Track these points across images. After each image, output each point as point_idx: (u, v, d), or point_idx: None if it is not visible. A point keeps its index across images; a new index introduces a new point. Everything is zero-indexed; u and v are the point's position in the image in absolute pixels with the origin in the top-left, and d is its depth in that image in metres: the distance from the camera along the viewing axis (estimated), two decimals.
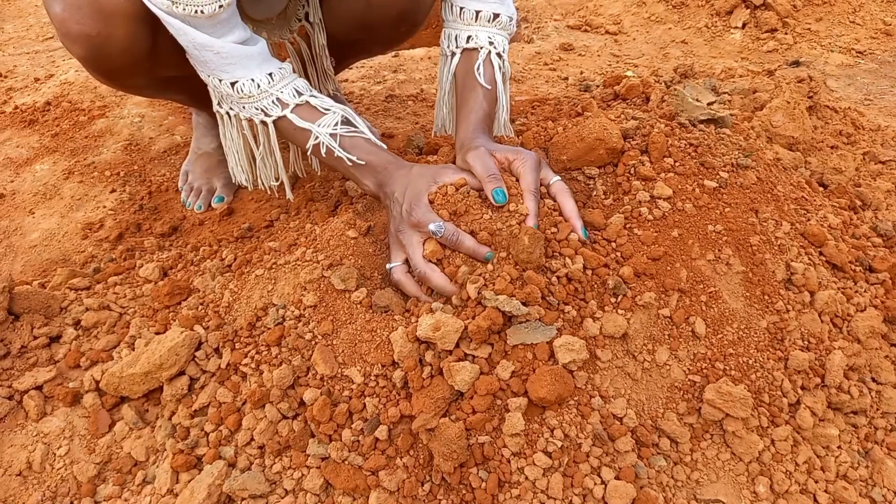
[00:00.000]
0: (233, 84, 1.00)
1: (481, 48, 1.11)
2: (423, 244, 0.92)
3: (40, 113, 1.81)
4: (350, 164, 1.01)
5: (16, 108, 1.85)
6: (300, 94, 1.03)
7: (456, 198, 0.92)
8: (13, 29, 2.44)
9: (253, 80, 1.00)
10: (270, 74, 1.01)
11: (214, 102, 1.09)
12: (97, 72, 1.08)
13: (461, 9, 1.12)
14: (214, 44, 0.95)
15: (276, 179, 1.17)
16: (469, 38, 1.12)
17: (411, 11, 1.19)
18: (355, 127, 1.03)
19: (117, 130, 1.71)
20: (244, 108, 1.04)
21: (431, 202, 0.92)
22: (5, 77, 2.08)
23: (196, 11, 0.91)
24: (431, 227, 0.88)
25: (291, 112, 1.02)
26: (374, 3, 1.18)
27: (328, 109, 1.03)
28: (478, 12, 1.11)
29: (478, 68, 1.10)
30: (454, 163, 1.02)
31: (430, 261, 0.91)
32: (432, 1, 1.19)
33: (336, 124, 1.01)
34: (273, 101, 1.02)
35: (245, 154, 1.13)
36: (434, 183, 0.93)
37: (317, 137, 1.01)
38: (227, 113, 1.07)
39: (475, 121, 1.07)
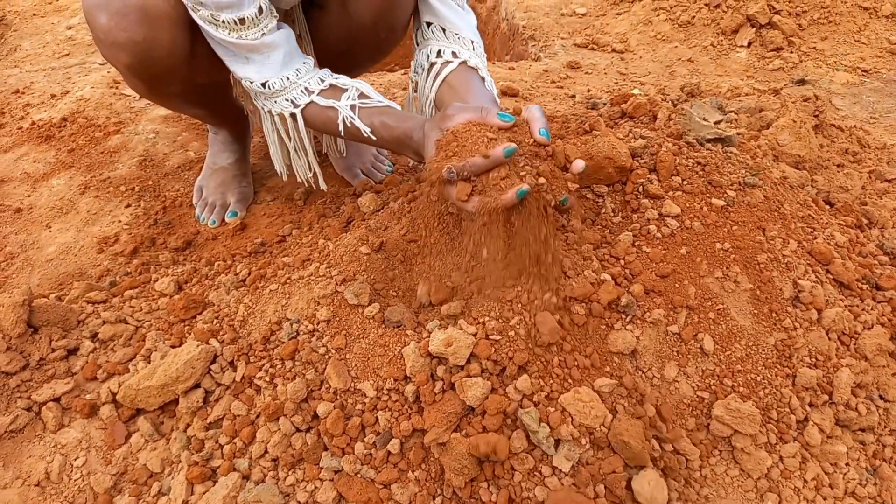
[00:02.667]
0: (263, 83, 1.07)
1: (469, 59, 1.16)
2: (456, 192, 0.87)
3: (57, 129, 1.84)
4: (369, 135, 1.05)
5: (33, 123, 1.89)
6: (323, 80, 1.10)
7: (458, 134, 0.88)
8: (30, 46, 2.49)
9: (282, 77, 1.07)
10: (297, 70, 1.08)
11: (252, 97, 1.17)
12: (139, 79, 1.13)
13: (443, 29, 1.17)
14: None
15: (310, 170, 1.24)
16: (453, 52, 1.16)
17: (387, 14, 1.22)
18: (370, 98, 1.08)
19: (132, 146, 1.74)
20: (276, 102, 1.10)
21: (438, 151, 0.90)
22: (23, 93, 2.11)
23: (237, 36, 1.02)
24: (444, 173, 0.85)
25: (317, 96, 1.09)
26: (351, 11, 1.23)
27: (347, 87, 1.09)
28: (456, 34, 1.18)
29: (474, 67, 1.15)
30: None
31: (465, 199, 0.86)
32: (410, 3, 1.22)
33: (355, 97, 1.07)
34: (301, 91, 1.09)
35: (281, 147, 1.22)
36: (439, 130, 0.92)
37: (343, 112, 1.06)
38: (263, 112, 1.16)
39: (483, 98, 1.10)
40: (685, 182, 1.07)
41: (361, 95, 1.08)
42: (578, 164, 0.88)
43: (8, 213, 1.51)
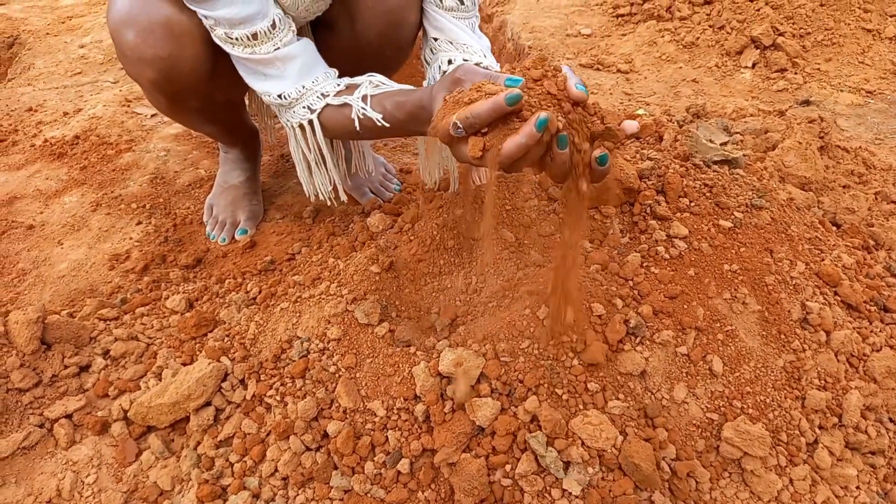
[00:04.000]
0: (280, 95, 1.06)
1: (482, 62, 1.14)
2: (468, 148, 0.76)
3: (69, 146, 1.86)
4: (382, 123, 1.00)
5: (45, 141, 1.91)
6: (340, 84, 1.08)
7: (465, 92, 0.77)
8: (43, 65, 2.52)
9: (297, 86, 1.06)
10: (316, 78, 1.07)
11: (276, 113, 1.16)
12: (163, 94, 1.15)
13: (450, 41, 1.17)
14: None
15: (330, 183, 1.20)
16: (464, 59, 1.15)
17: (394, 33, 1.24)
18: (384, 85, 1.04)
19: (143, 164, 1.75)
20: (294, 112, 1.09)
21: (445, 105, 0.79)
22: (35, 111, 2.14)
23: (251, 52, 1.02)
24: (451, 130, 0.75)
25: (333, 97, 1.06)
26: (358, 30, 1.24)
27: (361, 81, 1.05)
28: (464, 44, 1.16)
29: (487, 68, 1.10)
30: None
31: (479, 156, 0.74)
32: (415, 22, 1.23)
33: (367, 88, 1.03)
34: (317, 97, 1.07)
35: (304, 164, 1.19)
36: (447, 90, 0.85)
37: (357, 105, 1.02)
38: (288, 127, 1.14)
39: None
40: (693, 204, 1.08)
41: (375, 86, 1.04)
42: (631, 125, 0.75)
43: (20, 230, 1.53)
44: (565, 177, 0.74)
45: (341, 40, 1.28)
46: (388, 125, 1.00)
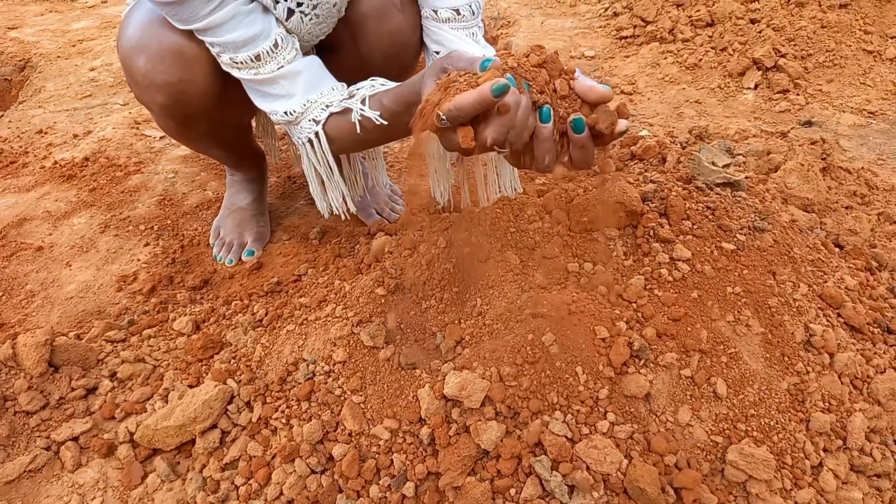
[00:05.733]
0: (286, 112, 1.06)
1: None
2: (459, 138, 0.72)
3: (78, 168, 1.89)
4: (381, 120, 0.98)
5: (55, 163, 1.94)
6: (344, 95, 1.06)
7: (454, 76, 0.73)
8: (54, 87, 2.56)
9: (304, 101, 1.05)
10: (322, 92, 1.06)
11: (288, 132, 1.14)
12: (173, 119, 1.17)
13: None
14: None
15: (341, 196, 1.18)
16: None
17: (398, 53, 1.25)
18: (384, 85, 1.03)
19: (152, 186, 1.78)
20: (301, 128, 1.08)
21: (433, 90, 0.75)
22: (45, 133, 2.17)
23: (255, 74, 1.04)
24: (435, 121, 0.71)
25: (336, 105, 1.05)
26: (363, 52, 1.26)
27: (362, 86, 1.04)
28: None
29: None
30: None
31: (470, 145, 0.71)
32: (418, 42, 1.25)
33: (367, 91, 1.02)
34: (322, 108, 1.06)
35: (318, 182, 1.17)
36: (437, 74, 0.81)
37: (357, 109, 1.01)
38: (300, 144, 1.12)
39: None
40: (695, 226, 1.09)
41: (375, 87, 1.02)
42: (622, 124, 0.71)
43: (29, 252, 1.55)
44: (550, 162, 0.72)
45: (347, 63, 1.30)
46: (386, 122, 0.98)
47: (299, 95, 1.06)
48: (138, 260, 1.50)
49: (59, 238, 1.60)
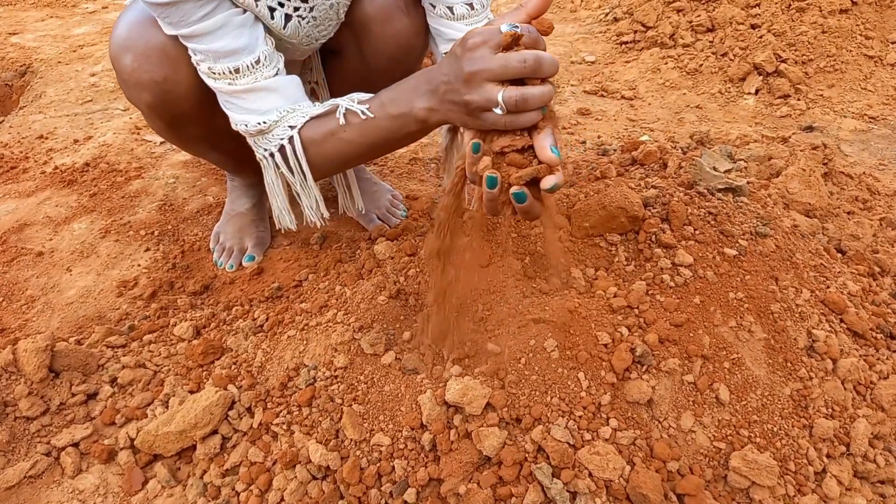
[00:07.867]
0: (258, 122, 1.02)
1: None
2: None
3: (79, 173, 1.89)
4: (368, 113, 0.95)
5: (56, 168, 1.94)
6: (324, 107, 1.02)
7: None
8: (54, 93, 2.57)
9: (279, 110, 1.02)
10: (300, 104, 1.03)
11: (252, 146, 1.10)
12: (160, 119, 1.16)
13: None
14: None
15: (316, 203, 1.12)
16: None
17: (403, 57, 1.24)
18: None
19: (152, 191, 1.78)
20: (273, 136, 1.03)
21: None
22: (46, 138, 2.17)
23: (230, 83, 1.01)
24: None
25: (314, 108, 1.02)
26: (367, 56, 1.25)
27: (347, 97, 1.00)
28: None
29: None
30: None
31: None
32: (422, 45, 1.24)
33: (353, 98, 0.99)
34: (301, 115, 1.02)
35: (286, 194, 1.12)
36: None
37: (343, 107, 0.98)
38: (263, 157, 1.07)
39: None
40: (697, 232, 1.09)
41: (359, 101, 0.99)
42: (548, 181, 0.75)
43: (30, 257, 1.54)
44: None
45: (351, 67, 1.30)
46: (372, 116, 0.95)
47: (273, 109, 1.02)
48: (139, 265, 1.49)
49: (60, 243, 1.60)
